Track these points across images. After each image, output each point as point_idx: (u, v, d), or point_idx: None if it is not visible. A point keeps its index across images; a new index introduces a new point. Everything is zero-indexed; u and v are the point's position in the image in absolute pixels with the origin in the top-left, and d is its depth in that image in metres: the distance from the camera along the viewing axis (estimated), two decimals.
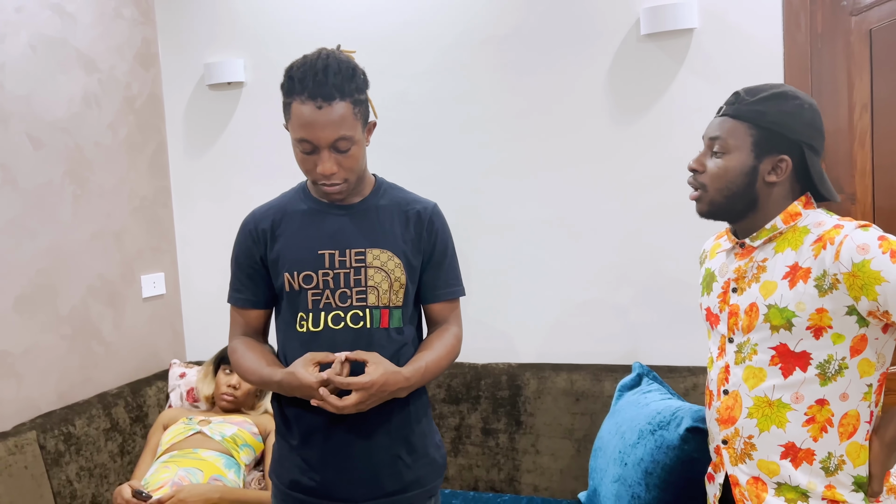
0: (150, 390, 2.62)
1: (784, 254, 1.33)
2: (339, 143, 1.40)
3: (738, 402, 1.38)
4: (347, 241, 1.49)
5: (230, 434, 2.32)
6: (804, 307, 1.28)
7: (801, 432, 1.31)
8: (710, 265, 1.53)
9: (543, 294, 2.50)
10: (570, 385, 2.36)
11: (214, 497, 2.08)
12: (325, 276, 1.47)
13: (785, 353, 1.31)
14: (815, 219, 1.35)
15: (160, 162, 2.86)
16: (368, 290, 1.48)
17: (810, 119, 1.33)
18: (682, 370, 2.28)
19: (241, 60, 2.74)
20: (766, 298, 1.33)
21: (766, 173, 1.35)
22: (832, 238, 1.27)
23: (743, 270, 1.40)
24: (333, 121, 1.38)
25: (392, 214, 1.54)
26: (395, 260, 1.51)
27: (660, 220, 2.36)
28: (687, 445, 1.75)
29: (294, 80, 1.42)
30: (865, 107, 2.21)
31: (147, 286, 2.76)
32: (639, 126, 2.36)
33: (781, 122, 1.32)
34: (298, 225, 1.52)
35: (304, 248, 1.49)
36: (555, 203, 2.46)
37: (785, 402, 1.32)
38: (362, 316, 1.47)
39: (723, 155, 1.37)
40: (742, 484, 1.39)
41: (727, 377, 1.41)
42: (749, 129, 1.34)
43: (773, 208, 1.37)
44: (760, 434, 1.35)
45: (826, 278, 1.26)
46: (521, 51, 2.45)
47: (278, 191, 2.72)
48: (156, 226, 2.82)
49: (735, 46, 2.25)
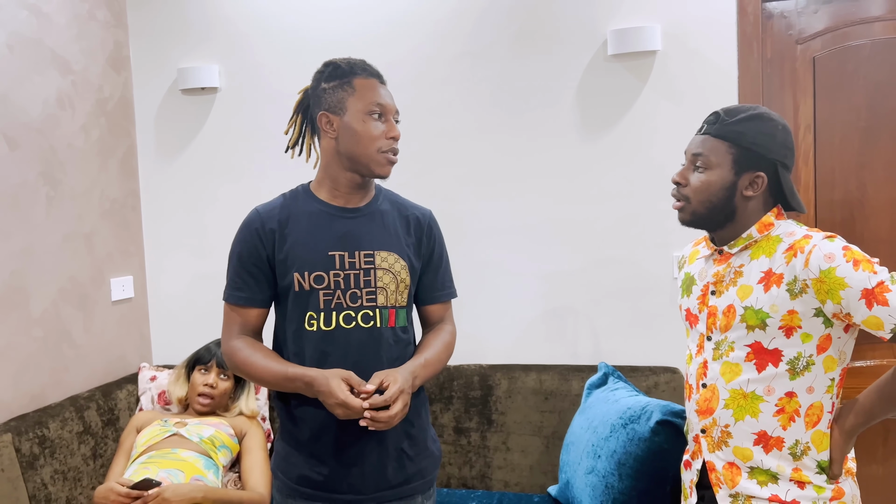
0: (121, 393, 2.61)
1: (759, 260, 1.47)
2: (397, 116, 1.58)
3: (716, 394, 1.51)
4: (357, 243, 1.55)
5: (208, 436, 2.34)
6: (777, 309, 1.42)
7: (772, 422, 1.46)
8: (689, 270, 1.66)
9: (514, 299, 2.62)
10: (539, 385, 2.48)
11: (198, 497, 2.10)
12: (336, 276, 1.53)
13: (759, 350, 1.45)
14: (787, 229, 1.48)
15: (130, 165, 2.86)
16: (378, 290, 1.55)
17: (783, 139, 1.47)
18: (644, 369, 2.44)
19: (217, 66, 2.77)
20: (743, 301, 1.46)
21: (743, 188, 1.47)
22: (802, 247, 1.40)
23: (721, 275, 1.53)
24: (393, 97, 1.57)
25: (395, 218, 1.62)
26: (401, 262, 1.59)
27: (621, 230, 2.51)
28: (657, 437, 1.88)
29: (348, 63, 1.57)
30: (809, 127, 2.42)
31: (116, 289, 2.74)
32: (604, 141, 2.51)
33: (759, 142, 1.45)
34: (307, 226, 1.56)
35: (314, 249, 1.54)
36: (524, 212, 2.59)
37: (758, 395, 1.46)
38: (372, 316, 1.55)
39: (705, 170, 1.49)
40: (718, 469, 1.52)
41: (705, 372, 1.54)
42: (729, 147, 1.47)
43: (748, 219, 1.50)
44: (736, 423, 1.48)
45: (797, 283, 1.40)
46: (493, 65, 2.57)
47: (251, 198, 2.78)
48: (125, 229, 2.81)
49: (694, 69, 2.43)
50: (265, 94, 2.76)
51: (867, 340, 2.40)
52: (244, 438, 2.45)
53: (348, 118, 1.52)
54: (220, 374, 2.48)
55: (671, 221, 2.47)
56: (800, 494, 1.45)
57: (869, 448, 2.42)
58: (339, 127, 1.53)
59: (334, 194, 1.59)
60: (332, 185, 1.59)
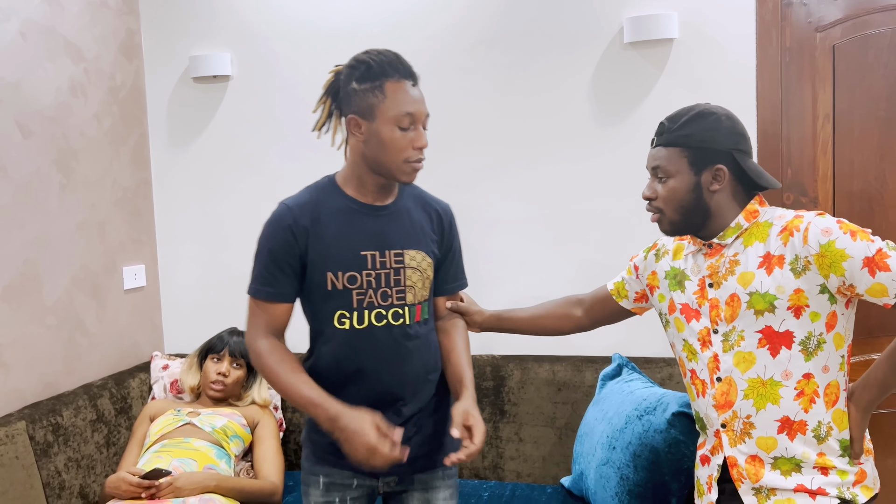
0: (133, 382, 2.61)
1: (753, 247, 1.48)
2: (427, 121, 1.55)
3: (733, 386, 1.50)
4: (387, 243, 1.57)
5: (220, 425, 2.34)
6: (783, 289, 1.42)
7: (794, 406, 1.45)
8: (676, 265, 1.64)
9: (526, 289, 2.60)
10: (552, 375, 2.47)
11: (211, 485, 2.11)
12: (368, 276, 1.55)
13: (770, 335, 1.45)
14: (775, 213, 1.51)
15: (142, 153, 2.85)
16: (407, 289, 1.58)
17: (729, 127, 1.49)
18: (658, 361, 2.42)
19: (228, 54, 2.76)
20: (747, 287, 1.46)
21: (708, 184, 1.50)
22: (797, 226, 1.43)
23: (716, 267, 1.53)
24: (424, 99, 1.54)
25: (420, 214, 1.65)
26: (427, 259, 1.63)
27: (636, 220, 2.49)
28: (673, 429, 1.87)
29: (380, 63, 1.51)
30: (828, 117, 2.39)
31: (128, 278, 2.74)
32: (620, 130, 2.49)
33: (706, 138, 1.48)
34: (338, 224, 1.56)
35: (347, 248, 1.55)
36: (538, 201, 2.57)
37: (777, 380, 1.46)
38: (402, 313, 1.58)
39: (667, 179, 1.52)
40: (741, 464, 1.51)
41: (717, 365, 1.52)
42: (681, 152, 1.50)
43: (725, 211, 1.52)
44: (758, 413, 1.48)
45: (799, 261, 1.41)
46: (509, 54, 2.55)
47: (263, 187, 2.78)
48: (137, 218, 2.81)
49: (712, 57, 2.39)
50: (277, 83, 2.75)
51: (884, 332, 2.38)
52: (256, 427, 2.45)
53: (377, 125, 1.51)
54: (232, 363, 2.48)
55: None
56: (825, 482, 1.45)
57: (888, 440, 2.40)
58: (367, 131, 1.52)
59: (362, 192, 1.59)
60: (358, 183, 1.59)
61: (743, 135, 1.51)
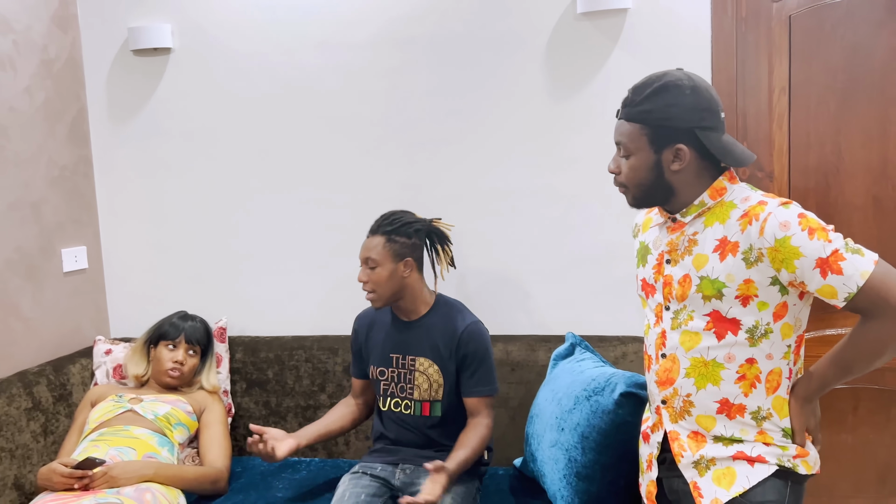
0: (74, 368, 2.52)
1: (713, 228, 1.43)
2: (369, 262, 2.05)
3: (677, 363, 1.48)
4: (406, 349, 2.13)
5: (163, 413, 2.26)
6: (733, 278, 1.39)
7: (734, 388, 1.43)
8: (643, 238, 1.63)
9: (479, 267, 2.54)
10: (505, 355, 2.42)
11: (149, 473, 2.03)
12: (392, 372, 2.14)
13: (718, 319, 1.42)
14: (741, 194, 1.44)
15: (80, 130, 2.73)
16: (414, 387, 2.11)
17: (693, 103, 1.41)
18: (612, 339, 2.38)
19: (169, 26, 2.63)
20: (699, 270, 1.43)
21: (669, 163, 1.44)
22: (757, 214, 1.37)
23: (675, 243, 1.49)
24: (368, 246, 2.07)
25: (439, 331, 2.09)
26: (434, 367, 2.09)
27: (593, 194, 2.43)
28: (621, 410, 1.83)
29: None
30: (784, 90, 2.34)
31: (68, 260, 2.63)
32: (573, 104, 2.42)
33: (666, 115, 1.41)
34: (381, 333, 2.18)
35: (383, 350, 2.16)
36: (492, 177, 2.50)
37: (719, 362, 1.43)
38: (410, 405, 2.13)
39: (628, 156, 1.47)
40: (682, 437, 1.49)
41: (664, 342, 1.50)
42: (641, 129, 1.44)
43: (690, 189, 1.46)
44: (698, 392, 1.45)
45: (752, 252, 1.37)
46: (458, 26, 2.46)
47: (208, 162, 2.67)
48: (76, 197, 2.69)
49: (666, 28, 2.33)
50: (221, 55, 2.64)
51: None
52: (203, 414, 2.38)
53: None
54: (188, 350, 2.40)
55: None
56: (765, 451, 1.43)
57: (838, 416, 2.39)
58: None
59: (399, 310, 2.16)
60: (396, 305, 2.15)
61: (709, 109, 1.42)
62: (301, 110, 2.60)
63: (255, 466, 2.45)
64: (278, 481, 2.32)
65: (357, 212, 2.54)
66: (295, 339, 2.60)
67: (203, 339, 2.45)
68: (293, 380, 2.56)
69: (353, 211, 2.58)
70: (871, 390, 2.36)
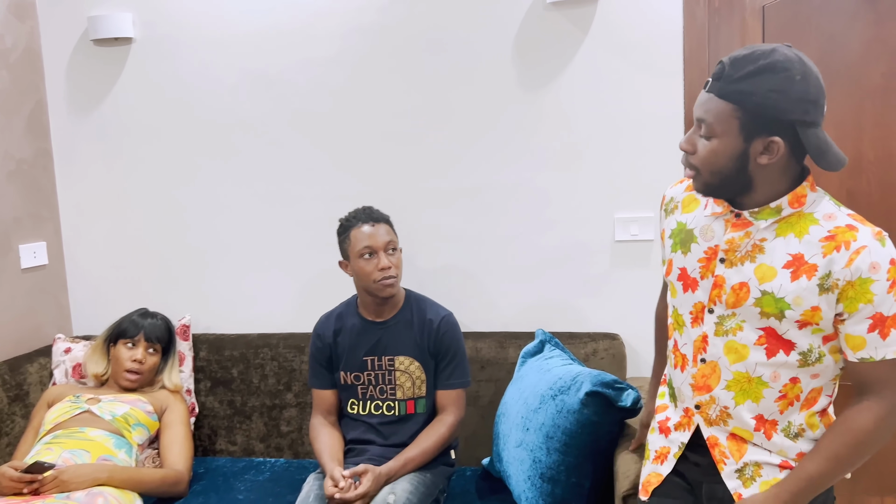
0: (32, 367, 2.44)
1: (786, 239, 1.29)
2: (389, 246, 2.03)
3: (717, 372, 1.38)
4: (384, 350, 2.08)
5: (121, 413, 2.20)
6: (801, 302, 1.27)
7: (772, 406, 1.35)
8: (684, 220, 1.45)
9: (449, 264, 2.49)
10: (475, 353, 2.37)
11: (102, 477, 1.97)
12: (369, 375, 2.08)
13: (772, 336, 1.32)
14: (824, 208, 1.30)
15: (40, 122, 2.65)
16: (397, 387, 2.07)
17: (802, 93, 1.21)
18: (583, 336, 2.33)
19: (129, 15, 2.56)
20: (762, 283, 1.30)
21: (757, 155, 1.26)
22: (847, 242, 1.24)
23: (736, 244, 1.34)
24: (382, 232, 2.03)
25: (416, 326, 2.07)
26: (416, 363, 2.07)
27: (565, 189, 2.38)
28: (587, 409, 1.78)
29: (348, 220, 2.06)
30: None
31: (26, 256, 2.56)
32: (543, 98, 2.36)
33: (769, 102, 1.21)
34: (349, 337, 2.10)
35: (355, 354, 2.09)
36: (461, 171, 2.44)
37: (764, 381, 1.34)
38: (394, 406, 2.08)
39: (710, 138, 1.28)
40: (722, 442, 1.41)
41: (705, 347, 1.39)
42: (735, 111, 1.24)
43: (769, 188, 1.30)
44: (736, 406, 1.37)
45: (829, 279, 1.25)
46: (426, 15, 2.39)
47: (171, 155, 2.59)
48: (35, 192, 2.62)
49: (638, 18, 2.27)
50: (184, 45, 2.56)
51: None
52: (164, 413, 2.31)
53: (352, 262, 2.03)
54: (148, 349, 2.33)
55: (613, 183, 2.34)
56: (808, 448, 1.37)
57: None
58: (350, 268, 2.05)
59: (367, 311, 2.10)
60: (363, 305, 2.11)
61: (815, 102, 1.22)
62: (267, 102, 2.54)
63: (219, 468, 2.39)
64: (241, 483, 2.26)
65: (325, 207, 2.48)
66: (260, 337, 2.54)
67: (164, 336, 2.38)
68: (258, 378, 2.50)
69: (321, 206, 2.51)
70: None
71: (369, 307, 2.09)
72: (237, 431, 2.51)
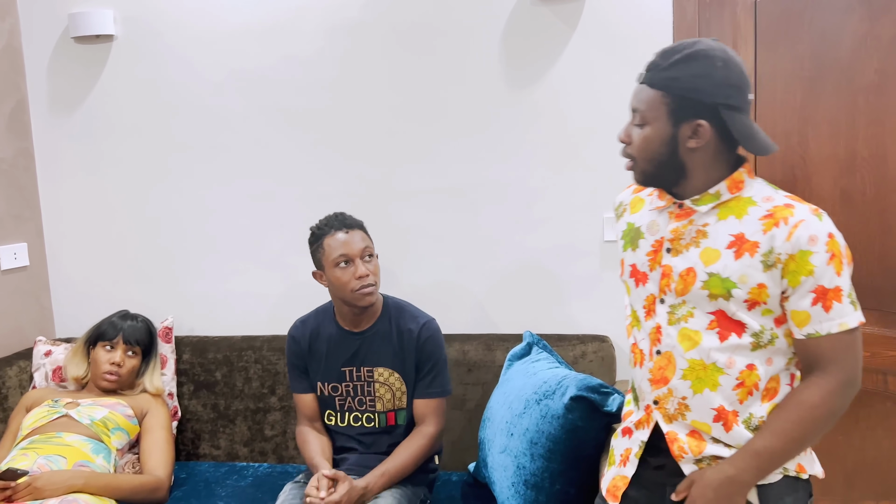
0: (11, 370, 2.40)
1: (727, 222, 1.33)
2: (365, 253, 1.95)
3: (672, 363, 1.38)
4: (362, 361, 2.01)
5: (100, 417, 2.16)
6: (747, 280, 1.29)
7: (731, 395, 1.34)
8: (632, 220, 1.50)
9: (437, 263, 2.45)
10: (462, 355, 2.32)
11: (78, 484, 1.93)
12: (347, 387, 2.02)
13: (722, 319, 1.33)
14: (761, 191, 1.34)
15: (21, 121, 2.60)
16: (376, 399, 2.01)
17: (724, 78, 1.28)
18: (572, 338, 2.29)
19: (110, 11, 2.51)
20: (708, 266, 1.33)
21: (686, 139, 1.32)
22: (786, 218, 1.28)
23: (680, 233, 1.38)
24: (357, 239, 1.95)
25: (393, 336, 2.00)
26: (395, 375, 2.00)
27: (554, 188, 2.34)
28: (571, 414, 1.74)
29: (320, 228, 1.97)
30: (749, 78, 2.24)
31: (6, 258, 2.52)
32: (531, 95, 2.32)
33: (693, 86, 1.28)
34: (325, 345, 2.03)
35: (331, 365, 2.02)
36: (451, 172, 2.40)
37: (719, 367, 1.34)
38: (374, 418, 2.02)
39: (643, 125, 1.35)
40: (682, 438, 1.39)
41: (659, 337, 1.40)
42: (663, 97, 1.31)
43: (703, 173, 1.35)
44: (694, 396, 1.36)
45: (771, 255, 1.28)
46: (413, 11, 2.35)
47: (155, 154, 2.55)
48: (16, 192, 2.57)
49: (626, 13, 2.23)
50: (166, 42, 2.52)
51: None
52: (145, 418, 2.27)
53: (327, 272, 1.94)
54: (127, 351, 2.29)
55: (602, 182, 2.30)
56: None
57: None
58: (326, 279, 1.97)
59: (344, 321, 2.03)
60: (340, 315, 2.03)
61: (738, 86, 1.30)
62: (250, 100, 2.49)
63: (201, 472, 2.35)
64: (222, 489, 2.22)
65: (309, 207, 2.44)
66: (244, 340, 2.49)
67: (144, 339, 2.34)
68: (242, 381, 2.46)
69: (305, 206, 2.47)
70: None
71: (346, 317, 2.02)
72: (221, 435, 2.47)
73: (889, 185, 2.21)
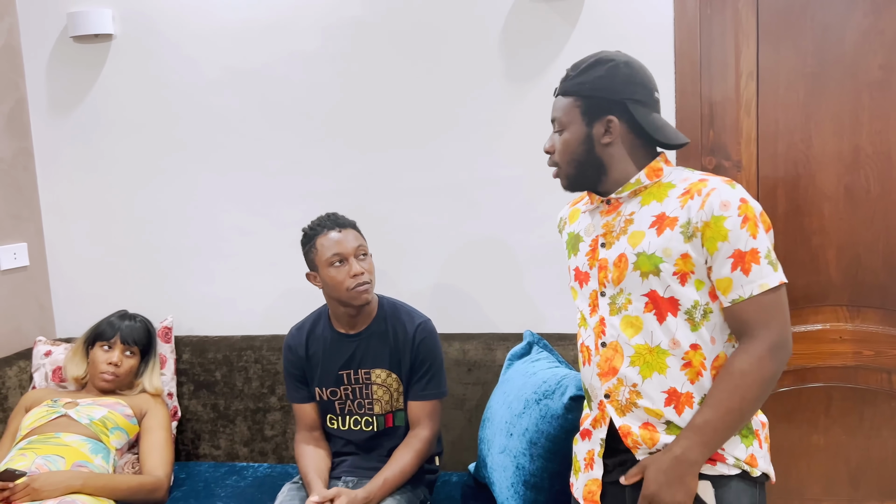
0: (11, 371, 2.40)
1: (650, 206, 1.41)
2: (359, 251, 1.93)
3: (619, 351, 1.42)
4: (359, 363, 1.98)
5: (99, 417, 2.15)
6: (671, 253, 1.35)
7: (680, 376, 1.37)
8: (572, 229, 1.58)
9: (437, 262, 2.43)
10: (462, 355, 2.31)
11: (76, 484, 1.92)
12: (346, 390, 2.00)
13: (656, 299, 1.37)
14: (679, 175, 1.43)
15: (20, 121, 2.60)
16: (374, 401, 1.98)
17: (627, 76, 1.40)
18: (573, 337, 2.27)
19: (109, 10, 2.50)
20: (635, 248, 1.39)
21: (599, 137, 1.42)
22: (699, 189, 1.35)
23: (611, 225, 1.46)
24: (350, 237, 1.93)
25: (389, 337, 1.98)
26: (392, 376, 1.98)
27: (549, 189, 2.31)
28: (570, 414, 1.72)
29: (313, 228, 1.95)
30: (751, 75, 2.22)
31: (6, 258, 2.51)
32: (530, 92, 2.30)
33: (599, 86, 1.40)
34: (321, 350, 2.01)
35: (329, 369, 2.00)
36: (450, 171, 2.38)
37: (664, 349, 1.38)
38: (371, 421, 2.00)
39: (562, 131, 1.45)
40: (635, 431, 1.41)
41: (604, 329, 1.45)
42: (575, 101, 1.42)
43: (622, 166, 1.44)
44: (644, 381, 1.39)
45: (690, 226, 1.34)
46: (413, 8, 2.33)
47: (156, 154, 2.54)
48: (16, 192, 2.57)
49: (626, 10, 2.21)
50: (164, 41, 2.51)
51: (810, 303, 2.25)
52: (144, 418, 2.26)
53: (321, 272, 1.92)
54: (124, 351, 2.28)
55: None
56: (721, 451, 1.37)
57: (810, 417, 2.29)
58: (320, 279, 1.94)
59: (340, 323, 2.00)
60: (335, 317, 2.01)
61: (642, 84, 1.41)
62: (249, 98, 2.48)
63: (201, 473, 2.34)
64: (221, 489, 2.21)
65: (309, 206, 2.42)
66: (244, 339, 2.48)
67: (142, 339, 2.33)
68: (242, 381, 2.45)
69: (305, 205, 2.46)
70: (844, 389, 2.25)
71: (342, 319, 1.99)
72: (220, 435, 2.46)
73: (894, 182, 2.19)
